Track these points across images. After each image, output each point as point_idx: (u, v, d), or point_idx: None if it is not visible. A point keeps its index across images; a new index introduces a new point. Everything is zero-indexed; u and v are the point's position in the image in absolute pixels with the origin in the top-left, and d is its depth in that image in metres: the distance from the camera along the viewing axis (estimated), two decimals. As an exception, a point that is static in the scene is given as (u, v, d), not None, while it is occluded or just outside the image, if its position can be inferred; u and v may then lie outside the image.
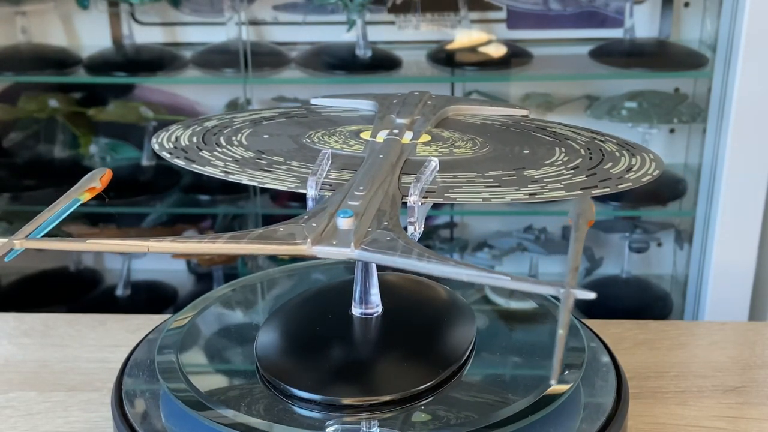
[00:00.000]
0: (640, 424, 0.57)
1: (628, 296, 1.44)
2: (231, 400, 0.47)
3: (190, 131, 0.56)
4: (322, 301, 0.55)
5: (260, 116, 0.60)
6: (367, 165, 0.48)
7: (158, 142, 0.55)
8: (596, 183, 0.49)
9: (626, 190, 0.49)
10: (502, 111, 0.62)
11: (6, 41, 1.40)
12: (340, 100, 0.63)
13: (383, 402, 0.45)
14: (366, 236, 0.42)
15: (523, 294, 0.59)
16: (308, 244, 0.41)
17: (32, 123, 1.43)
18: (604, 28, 1.37)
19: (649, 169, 0.51)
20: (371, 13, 1.35)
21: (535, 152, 0.53)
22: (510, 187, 0.48)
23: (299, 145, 0.53)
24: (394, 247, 0.41)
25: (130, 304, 1.44)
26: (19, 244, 0.38)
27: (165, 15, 1.42)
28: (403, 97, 0.60)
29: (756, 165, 1.20)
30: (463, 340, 0.50)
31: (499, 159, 0.52)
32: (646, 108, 1.33)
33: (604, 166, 0.51)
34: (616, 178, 0.50)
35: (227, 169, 0.49)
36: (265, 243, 0.41)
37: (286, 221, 0.43)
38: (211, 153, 0.52)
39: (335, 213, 0.43)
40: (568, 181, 0.49)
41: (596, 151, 0.54)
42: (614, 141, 0.56)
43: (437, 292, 0.56)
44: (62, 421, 0.58)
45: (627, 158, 0.53)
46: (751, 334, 0.70)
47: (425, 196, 0.46)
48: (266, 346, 0.50)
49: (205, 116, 0.60)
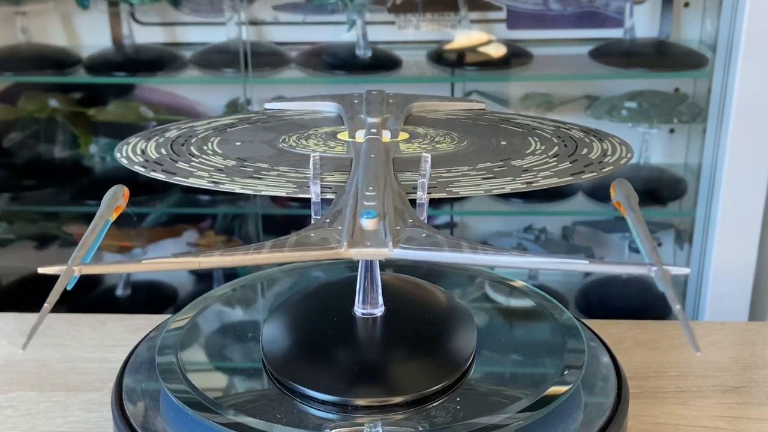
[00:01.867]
0: (640, 424, 0.57)
1: (628, 296, 1.43)
2: (231, 400, 0.47)
3: (154, 143, 0.54)
4: (323, 300, 0.55)
5: (221, 123, 0.59)
6: (363, 165, 0.48)
7: (124, 156, 0.52)
8: (582, 168, 0.50)
9: (610, 173, 0.50)
10: (461, 105, 0.63)
11: (6, 41, 1.40)
12: (296, 103, 0.62)
13: (395, 403, 0.45)
14: (398, 235, 0.42)
15: (521, 292, 0.59)
16: (344, 247, 0.40)
17: (32, 123, 1.43)
18: (604, 28, 1.37)
19: (622, 152, 0.53)
20: (371, 13, 1.35)
21: (512, 143, 0.54)
22: (504, 177, 0.49)
23: (277, 150, 0.53)
24: (437, 243, 0.41)
25: (130, 304, 1.43)
26: (77, 270, 0.37)
27: (165, 15, 1.42)
28: (363, 96, 0.60)
29: (756, 165, 1.20)
30: (468, 340, 0.50)
31: (482, 152, 0.53)
32: (646, 108, 1.33)
33: (581, 152, 0.52)
34: (598, 163, 0.51)
35: (215, 179, 0.48)
36: (306, 250, 0.40)
37: (311, 226, 0.43)
38: (189, 164, 0.50)
39: (358, 214, 0.43)
40: (555, 169, 0.50)
41: (567, 139, 0.55)
42: (578, 128, 0.58)
43: (432, 292, 0.56)
44: (62, 421, 0.58)
45: (598, 144, 0.54)
46: (751, 334, 0.70)
47: (429, 192, 0.47)
48: (274, 347, 0.50)
49: (164, 126, 0.58)
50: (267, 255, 0.40)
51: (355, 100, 0.60)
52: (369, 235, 0.41)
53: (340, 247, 0.40)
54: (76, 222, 1.46)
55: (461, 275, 0.63)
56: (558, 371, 0.48)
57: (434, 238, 0.41)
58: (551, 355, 0.50)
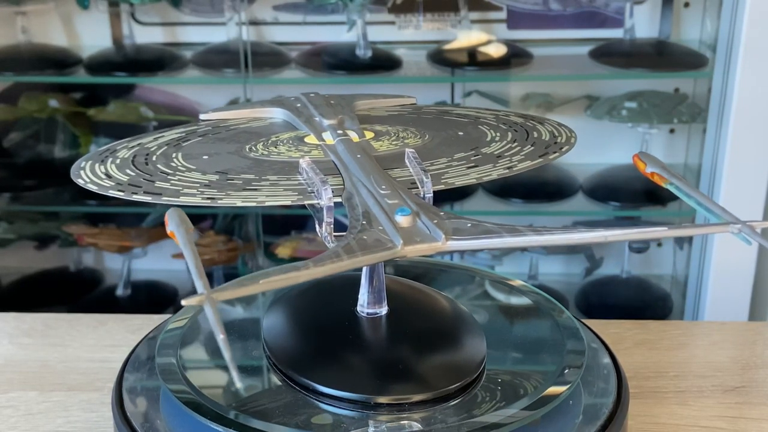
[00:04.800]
0: (640, 424, 0.57)
1: (628, 296, 1.44)
2: (231, 400, 0.47)
3: (112, 165, 0.51)
4: (324, 298, 0.55)
5: (170, 138, 0.56)
6: (358, 165, 0.48)
7: (88, 181, 0.48)
8: (546, 150, 0.51)
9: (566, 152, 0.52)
10: (394, 102, 0.63)
11: (6, 41, 1.40)
12: (234, 111, 0.60)
13: (393, 402, 0.45)
14: (443, 228, 0.41)
15: (520, 292, 0.59)
16: (401, 245, 0.40)
17: (32, 123, 1.43)
18: (604, 28, 1.37)
19: (568, 133, 0.55)
20: (371, 13, 1.35)
21: (469, 133, 0.55)
22: (485, 165, 0.49)
23: (252, 160, 0.51)
24: (490, 230, 0.41)
25: (130, 304, 1.44)
26: (215, 298, 0.36)
27: (165, 15, 1.42)
28: (303, 99, 0.60)
29: (756, 165, 1.20)
30: (478, 341, 0.50)
31: (449, 143, 0.53)
32: (646, 108, 1.33)
33: (534, 135, 0.54)
34: (554, 144, 0.53)
35: (210, 196, 0.46)
36: (370, 253, 0.40)
37: (355, 231, 0.42)
38: (170, 183, 0.48)
39: (392, 213, 0.42)
40: (523, 153, 0.51)
41: (512, 125, 0.56)
42: (514, 114, 0.59)
43: (431, 294, 0.56)
44: (62, 421, 0.58)
45: (542, 127, 0.56)
46: (751, 334, 0.70)
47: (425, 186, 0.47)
48: (279, 344, 0.50)
49: (110, 146, 0.54)
50: (347, 262, 0.39)
51: (297, 104, 0.59)
52: (414, 232, 0.41)
53: (396, 246, 0.40)
54: (76, 222, 1.46)
55: (461, 275, 0.63)
56: (558, 371, 0.48)
57: (482, 226, 0.41)
58: (551, 355, 0.50)
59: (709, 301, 1.28)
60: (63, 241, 1.47)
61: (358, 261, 0.39)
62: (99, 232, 1.43)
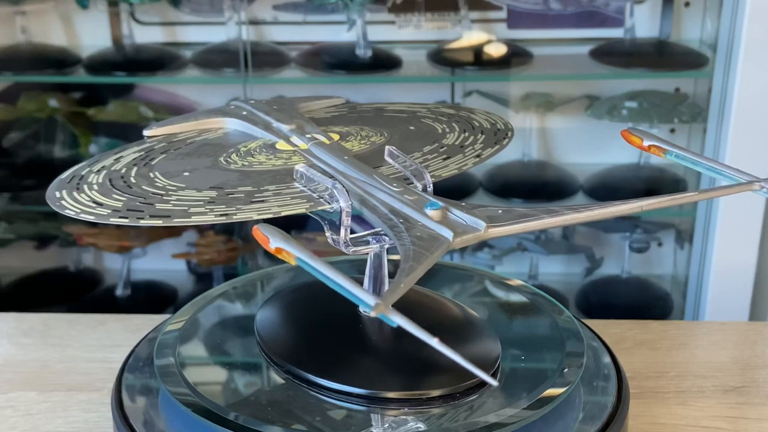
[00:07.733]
0: (640, 424, 0.57)
1: (628, 296, 1.43)
2: (231, 399, 0.47)
3: (92, 191, 0.48)
4: (322, 298, 0.55)
5: (130, 159, 0.53)
6: (353, 167, 0.47)
7: (82, 211, 0.46)
8: (497, 137, 0.53)
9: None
10: (326, 102, 0.63)
11: (6, 41, 1.40)
12: (178, 125, 0.59)
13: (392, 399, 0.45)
14: (477, 216, 0.42)
15: (521, 293, 0.59)
16: (452, 239, 0.40)
17: (32, 123, 1.43)
18: (604, 27, 1.37)
19: (499, 120, 0.57)
20: (371, 13, 1.35)
21: (419, 127, 0.55)
22: (456, 156, 0.50)
23: (238, 172, 0.50)
24: (526, 214, 0.41)
25: (130, 304, 1.43)
26: (386, 303, 0.36)
27: (165, 15, 1.42)
28: (248, 106, 0.59)
29: (756, 165, 1.20)
30: (492, 340, 0.50)
31: (409, 138, 0.53)
32: (647, 108, 1.33)
33: (476, 125, 0.56)
34: (500, 130, 0.55)
35: (224, 212, 0.44)
36: (436, 250, 0.40)
37: (399, 230, 0.42)
38: (170, 203, 0.46)
39: (421, 209, 0.42)
40: (480, 141, 0.52)
41: (449, 116, 0.57)
42: (445, 106, 0.60)
43: (433, 296, 0.56)
44: (62, 421, 0.58)
45: (477, 116, 0.57)
46: (751, 334, 0.70)
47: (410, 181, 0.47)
48: (276, 342, 0.49)
49: (72, 171, 0.51)
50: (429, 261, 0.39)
51: (243, 112, 0.58)
52: (453, 224, 0.41)
53: (449, 240, 0.40)
54: (76, 222, 1.46)
55: (461, 276, 0.63)
56: (558, 371, 0.48)
57: (515, 211, 0.41)
58: (551, 354, 0.50)
59: (710, 301, 1.28)
60: (62, 241, 1.47)
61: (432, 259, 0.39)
62: (98, 232, 1.43)
